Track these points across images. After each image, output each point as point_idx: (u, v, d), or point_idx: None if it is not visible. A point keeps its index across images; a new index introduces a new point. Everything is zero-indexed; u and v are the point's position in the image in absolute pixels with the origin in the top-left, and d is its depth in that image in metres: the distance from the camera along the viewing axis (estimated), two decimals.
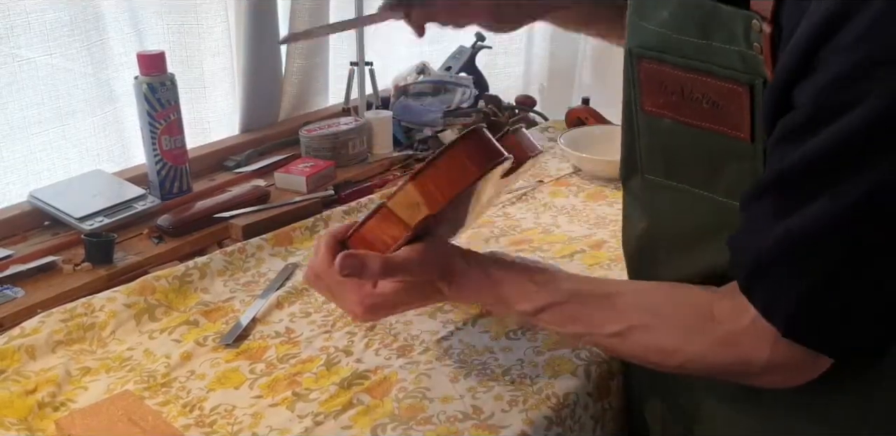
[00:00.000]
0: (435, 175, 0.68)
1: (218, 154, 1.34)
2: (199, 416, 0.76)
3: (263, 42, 1.38)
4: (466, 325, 0.89)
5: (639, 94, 0.69)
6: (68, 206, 1.10)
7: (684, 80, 0.64)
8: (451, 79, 1.57)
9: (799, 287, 0.56)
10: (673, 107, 0.66)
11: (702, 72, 0.62)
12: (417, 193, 0.67)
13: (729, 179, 0.65)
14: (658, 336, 0.65)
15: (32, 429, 0.74)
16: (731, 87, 0.60)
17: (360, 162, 1.36)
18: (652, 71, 0.66)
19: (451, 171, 0.68)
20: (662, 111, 0.67)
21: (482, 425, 0.74)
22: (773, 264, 0.57)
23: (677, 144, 0.68)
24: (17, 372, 0.82)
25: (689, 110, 0.64)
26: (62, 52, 1.15)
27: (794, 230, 0.55)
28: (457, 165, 0.68)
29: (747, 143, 0.62)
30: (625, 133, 0.74)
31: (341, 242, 0.72)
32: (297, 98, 1.51)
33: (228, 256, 1.03)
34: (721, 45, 0.60)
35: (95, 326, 0.89)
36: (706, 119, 0.64)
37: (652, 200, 0.74)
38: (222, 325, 0.91)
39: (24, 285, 0.96)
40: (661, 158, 0.71)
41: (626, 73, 0.70)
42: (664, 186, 0.71)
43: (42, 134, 1.17)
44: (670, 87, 0.65)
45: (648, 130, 0.70)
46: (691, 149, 0.67)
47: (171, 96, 1.15)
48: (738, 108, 0.61)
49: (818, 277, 0.56)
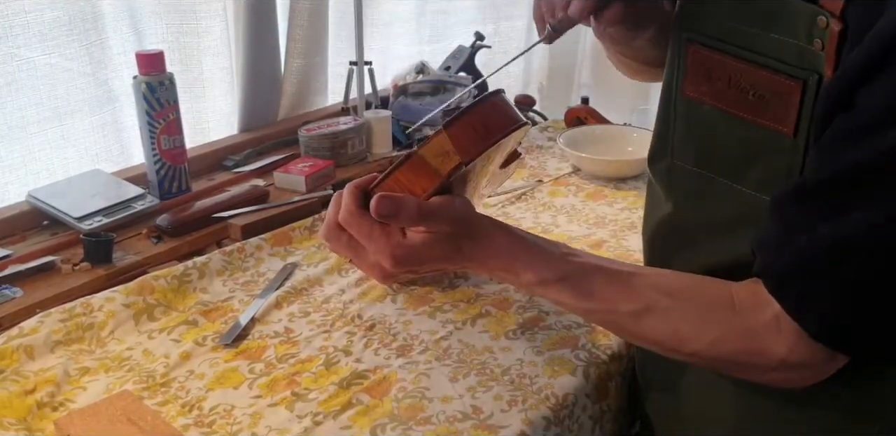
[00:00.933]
0: (466, 125, 0.68)
1: (217, 154, 1.34)
2: (199, 416, 0.76)
3: (262, 42, 1.38)
4: (466, 325, 0.89)
5: (682, 78, 0.68)
6: (67, 205, 1.10)
7: (734, 69, 0.63)
8: (451, 78, 1.57)
9: (836, 292, 0.56)
10: (716, 95, 0.66)
11: (755, 63, 0.62)
12: (449, 141, 0.67)
13: (761, 172, 0.65)
14: (675, 320, 0.64)
15: (31, 429, 0.74)
16: (783, 81, 0.60)
17: (360, 161, 1.36)
18: (701, 57, 0.66)
19: (481, 123, 0.68)
20: (704, 98, 0.67)
21: (481, 425, 0.74)
22: (811, 268, 0.57)
23: (713, 133, 0.68)
24: (16, 372, 0.82)
25: (733, 100, 0.64)
26: (61, 51, 1.15)
27: (839, 236, 0.55)
28: (487, 118, 0.69)
29: (789, 138, 0.61)
30: (660, 116, 0.74)
31: (365, 193, 0.70)
32: (296, 97, 1.51)
33: (227, 255, 1.03)
34: (780, 37, 0.60)
35: (94, 326, 0.89)
36: (749, 111, 0.64)
37: (678, 186, 0.74)
38: (221, 325, 0.91)
39: (23, 285, 0.96)
40: (694, 146, 0.71)
41: (671, 57, 0.70)
42: (692, 173, 0.71)
43: (41, 133, 1.17)
44: (717, 75, 0.65)
45: (686, 116, 0.70)
46: (727, 138, 0.66)
47: (170, 96, 1.15)
48: (785, 102, 0.60)
49: (856, 285, 0.56)
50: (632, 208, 1.18)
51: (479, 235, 0.69)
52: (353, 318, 0.91)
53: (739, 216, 0.66)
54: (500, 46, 1.97)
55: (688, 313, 0.64)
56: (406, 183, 0.69)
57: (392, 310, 0.92)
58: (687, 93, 0.68)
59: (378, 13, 1.69)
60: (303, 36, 1.45)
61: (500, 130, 0.69)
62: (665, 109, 0.72)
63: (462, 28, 1.87)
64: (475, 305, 0.92)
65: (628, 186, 1.26)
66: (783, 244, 0.58)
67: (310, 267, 1.03)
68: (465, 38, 1.72)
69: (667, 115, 0.72)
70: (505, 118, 0.70)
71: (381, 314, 0.92)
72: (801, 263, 0.57)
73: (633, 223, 1.13)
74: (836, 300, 0.57)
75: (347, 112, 1.47)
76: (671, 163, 0.73)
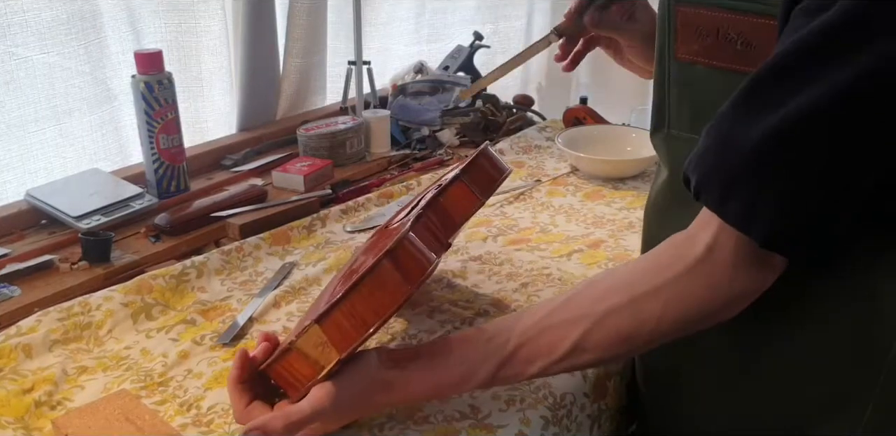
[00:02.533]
0: (337, 319, 0.64)
1: (215, 153, 1.34)
2: (197, 415, 0.76)
3: (261, 41, 1.38)
4: (464, 324, 0.89)
5: (673, 41, 0.70)
6: (65, 204, 1.09)
7: (720, 20, 0.65)
8: (449, 78, 1.57)
9: (779, 191, 0.55)
10: (706, 52, 0.67)
11: (739, 11, 0.63)
12: (323, 334, 0.64)
13: None
14: (613, 324, 0.63)
15: (29, 428, 0.74)
16: (766, 23, 0.61)
17: (358, 161, 1.36)
18: (689, 15, 0.67)
19: (358, 309, 0.64)
20: (696, 58, 0.68)
21: (479, 424, 0.74)
22: (749, 170, 0.55)
23: (706, 93, 0.68)
24: (14, 371, 0.82)
25: (723, 53, 0.66)
26: (59, 50, 1.15)
27: (776, 127, 0.53)
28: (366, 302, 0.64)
29: None
30: (656, 87, 0.75)
31: (249, 380, 0.70)
32: (294, 97, 1.51)
33: (226, 255, 1.03)
34: None
35: (92, 324, 0.89)
36: (739, 61, 0.65)
37: (675, 154, 0.74)
38: (219, 324, 0.91)
39: (21, 284, 0.96)
40: (689, 111, 0.71)
41: (660, 22, 0.71)
42: (687, 139, 0.71)
43: (39, 132, 1.17)
44: (705, 30, 0.66)
45: (680, 80, 0.71)
46: (721, 96, 0.66)
47: (169, 95, 1.15)
48: (769, 44, 0.60)
49: (799, 178, 0.54)
50: (630, 208, 1.18)
51: (394, 387, 0.67)
52: None
53: None
54: (499, 46, 1.97)
55: (629, 291, 0.63)
56: (290, 371, 0.66)
57: None
58: (679, 56, 0.70)
59: (377, 13, 1.69)
60: (302, 35, 1.45)
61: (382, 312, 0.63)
62: (661, 77, 0.73)
63: (461, 28, 1.88)
64: (473, 304, 0.92)
65: (627, 186, 1.26)
66: (715, 158, 0.57)
67: (308, 266, 1.03)
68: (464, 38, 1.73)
69: (662, 84, 0.73)
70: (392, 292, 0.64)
71: None
72: (738, 168, 0.56)
73: (632, 223, 1.13)
74: (783, 201, 0.55)
75: (346, 112, 1.48)
76: (667, 133, 0.74)
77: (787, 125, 0.53)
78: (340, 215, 1.16)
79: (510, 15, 2.00)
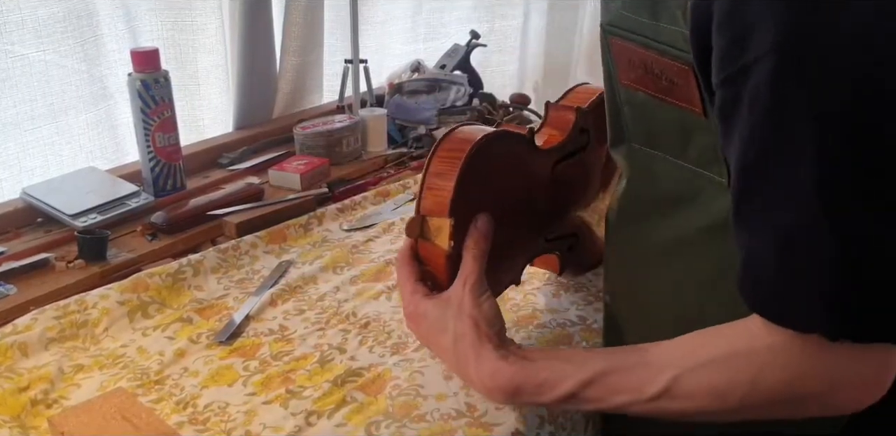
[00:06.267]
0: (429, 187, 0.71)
1: (212, 151, 1.34)
2: (193, 413, 0.76)
3: (258, 39, 1.38)
4: None
5: (615, 68, 0.70)
6: (61, 203, 1.09)
7: (645, 57, 0.65)
8: (446, 77, 1.57)
9: (819, 282, 0.53)
10: (642, 82, 0.68)
11: (656, 51, 0.63)
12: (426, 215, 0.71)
13: (697, 149, 0.66)
14: (705, 375, 0.61)
15: (25, 426, 0.74)
16: (679, 66, 0.62)
17: (355, 160, 1.36)
18: (621, 48, 0.68)
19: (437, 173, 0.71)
20: (636, 85, 0.69)
21: (476, 422, 0.74)
22: (780, 269, 0.54)
23: (653, 116, 0.69)
24: (10, 369, 0.81)
25: (655, 85, 0.66)
26: (55, 48, 1.15)
27: (784, 223, 0.53)
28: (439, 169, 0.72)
29: (702, 118, 0.63)
30: (608, 104, 0.75)
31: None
32: (291, 95, 1.51)
33: (222, 253, 1.03)
34: (667, 26, 0.62)
35: (88, 323, 0.89)
36: (669, 94, 0.65)
37: (635, 164, 0.75)
38: (216, 322, 0.91)
39: (17, 282, 0.96)
40: (643, 128, 0.72)
41: (603, 52, 0.72)
42: (646, 153, 0.72)
43: (35, 130, 1.17)
44: (636, 63, 0.67)
45: (629, 102, 0.72)
46: (664, 120, 0.68)
47: (165, 93, 1.15)
48: (687, 85, 0.62)
49: (831, 265, 0.52)
50: None
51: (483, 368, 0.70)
52: (348, 315, 0.91)
53: (691, 191, 0.67)
54: (496, 45, 1.97)
55: (714, 364, 0.61)
56: (426, 251, 0.73)
57: (387, 308, 0.93)
58: (622, 82, 0.70)
59: (373, 11, 1.69)
60: (298, 34, 1.45)
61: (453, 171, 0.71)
62: (612, 98, 0.74)
63: (457, 26, 1.88)
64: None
65: None
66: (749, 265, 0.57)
67: (304, 265, 1.03)
68: (461, 37, 1.72)
69: (614, 102, 0.74)
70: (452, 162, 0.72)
71: (375, 312, 0.92)
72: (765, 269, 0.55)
73: None
74: (827, 290, 0.53)
75: (343, 110, 1.47)
76: (629, 146, 0.75)
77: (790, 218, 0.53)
78: (337, 214, 1.16)
79: (507, 14, 2.00)
